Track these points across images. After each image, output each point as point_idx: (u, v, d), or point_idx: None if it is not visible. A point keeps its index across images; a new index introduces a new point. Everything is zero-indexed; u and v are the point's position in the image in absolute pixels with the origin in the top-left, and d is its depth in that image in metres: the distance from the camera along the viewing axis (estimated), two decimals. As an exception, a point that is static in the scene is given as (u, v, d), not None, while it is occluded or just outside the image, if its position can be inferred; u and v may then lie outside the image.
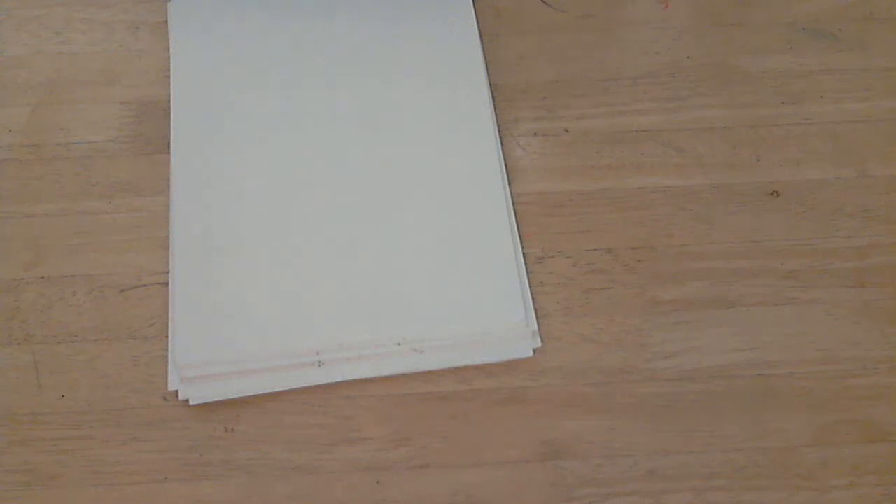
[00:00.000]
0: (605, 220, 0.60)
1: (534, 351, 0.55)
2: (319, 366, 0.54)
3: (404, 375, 0.54)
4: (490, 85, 0.65)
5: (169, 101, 0.64)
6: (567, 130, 0.64)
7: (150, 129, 0.63)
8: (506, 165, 0.62)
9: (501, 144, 0.62)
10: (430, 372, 0.54)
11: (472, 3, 0.69)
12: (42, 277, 0.57)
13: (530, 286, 0.57)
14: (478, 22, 0.68)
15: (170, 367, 0.54)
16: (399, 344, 0.54)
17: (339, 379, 0.54)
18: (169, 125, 0.62)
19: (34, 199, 0.60)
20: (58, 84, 0.65)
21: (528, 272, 0.57)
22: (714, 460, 0.52)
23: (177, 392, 0.53)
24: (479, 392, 0.54)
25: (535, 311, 0.56)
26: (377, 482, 0.51)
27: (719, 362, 0.55)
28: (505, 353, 0.55)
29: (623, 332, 0.56)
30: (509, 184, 0.61)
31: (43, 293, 0.57)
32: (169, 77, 0.65)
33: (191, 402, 0.53)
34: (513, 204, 0.60)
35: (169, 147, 0.61)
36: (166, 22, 0.68)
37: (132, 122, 0.63)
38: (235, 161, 0.61)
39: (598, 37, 0.68)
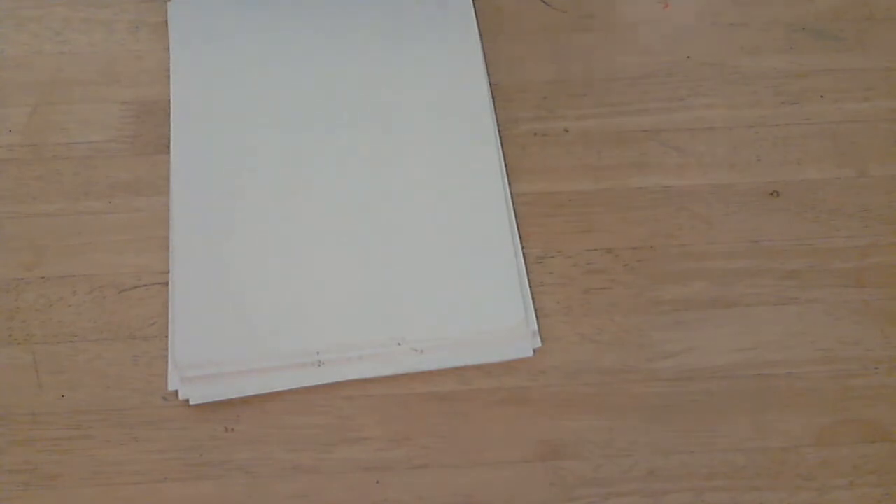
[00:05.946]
0: (605, 220, 0.60)
1: (534, 351, 0.55)
2: (319, 366, 0.54)
3: (404, 375, 0.54)
4: (490, 85, 0.65)
5: (169, 101, 0.63)
6: (567, 130, 0.64)
7: (150, 129, 0.63)
8: (506, 165, 0.62)
9: (501, 144, 0.62)
10: (430, 372, 0.54)
11: (472, 3, 0.69)
12: (42, 277, 0.57)
13: (530, 286, 0.57)
14: (478, 22, 0.68)
15: (170, 367, 0.54)
16: (399, 344, 0.54)
17: (339, 379, 0.54)
18: (169, 125, 0.62)
19: (34, 199, 0.60)
20: (58, 84, 0.65)
21: (528, 272, 0.57)
22: (714, 460, 0.52)
23: (177, 392, 0.53)
24: (479, 392, 0.54)
25: (535, 311, 0.56)
26: (377, 482, 0.51)
27: (719, 362, 0.55)
28: (505, 353, 0.55)
29: (623, 332, 0.56)
30: (509, 184, 0.61)
31: (43, 293, 0.57)
32: (169, 77, 0.65)
33: (191, 402, 0.53)
34: (513, 204, 0.60)
35: (169, 147, 0.61)
36: (166, 22, 0.68)
37: (132, 122, 0.63)
38: (235, 161, 0.61)
39: (598, 37, 0.68)
